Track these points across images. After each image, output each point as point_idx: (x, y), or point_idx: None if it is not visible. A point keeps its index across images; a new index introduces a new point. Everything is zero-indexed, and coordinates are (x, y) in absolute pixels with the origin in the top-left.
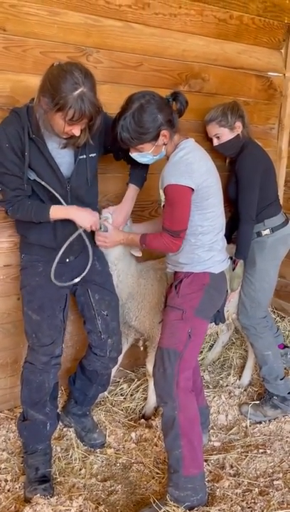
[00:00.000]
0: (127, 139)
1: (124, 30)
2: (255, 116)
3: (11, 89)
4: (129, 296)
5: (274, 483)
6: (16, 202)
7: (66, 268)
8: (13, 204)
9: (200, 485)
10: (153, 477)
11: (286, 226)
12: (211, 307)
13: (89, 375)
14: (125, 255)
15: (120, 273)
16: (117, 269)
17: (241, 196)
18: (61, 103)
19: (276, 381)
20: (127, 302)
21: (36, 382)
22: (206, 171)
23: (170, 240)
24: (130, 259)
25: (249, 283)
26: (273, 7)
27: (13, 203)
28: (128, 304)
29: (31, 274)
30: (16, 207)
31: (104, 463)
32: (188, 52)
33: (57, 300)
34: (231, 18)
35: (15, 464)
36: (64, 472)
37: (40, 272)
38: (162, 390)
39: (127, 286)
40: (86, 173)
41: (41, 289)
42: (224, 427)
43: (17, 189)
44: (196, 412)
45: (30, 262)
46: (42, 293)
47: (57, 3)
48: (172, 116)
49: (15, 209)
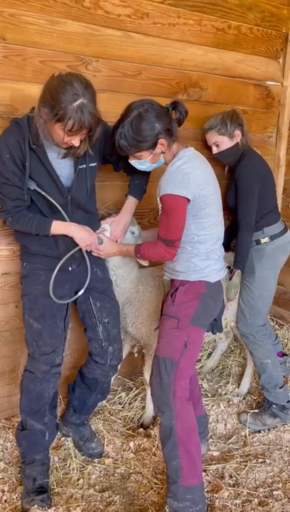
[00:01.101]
0: (125, 147)
1: (123, 40)
2: (253, 124)
3: (10, 98)
4: (126, 301)
5: (274, 494)
6: (16, 213)
7: (68, 276)
8: (13, 215)
9: (199, 495)
10: (152, 487)
11: (285, 234)
12: (207, 316)
13: (89, 383)
14: (125, 263)
15: (118, 278)
16: (116, 275)
17: (240, 204)
18: (60, 114)
19: (275, 389)
20: (124, 308)
21: (36, 391)
22: (204, 181)
23: (165, 249)
24: (132, 265)
25: (249, 291)
26: (271, 17)
27: (12, 213)
28: (125, 310)
29: (33, 283)
30: (16, 218)
31: (102, 473)
32: (187, 62)
33: (58, 308)
34: (229, 27)
35: (12, 474)
36: (62, 482)
37: (43, 281)
38: (159, 400)
39: (125, 291)
40: (86, 183)
41: (43, 297)
42: (223, 436)
43: (17, 199)
44: (194, 421)
45: (32, 271)
46: (44, 301)
47: (57, 12)
48: (171, 125)
49: (14, 220)
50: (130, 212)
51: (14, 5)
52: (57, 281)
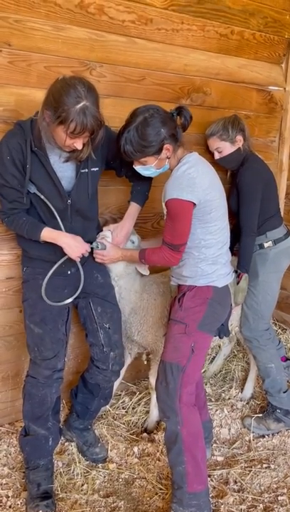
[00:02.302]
0: (130, 152)
1: (127, 45)
2: (256, 129)
3: (15, 103)
4: (131, 311)
5: (279, 499)
6: (12, 214)
7: (68, 281)
8: (9, 216)
9: (204, 501)
10: (157, 493)
11: (288, 238)
12: (214, 321)
13: (92, 388)
14: (128, 273)
15: (122, 290)
16: (119, 286)
17: (242, 209)
18: (63, 116)
19: (279, 394)
20: (130, 317)
21: (38, 396)
22: (209, 185)
23: (170, 253)
24: (134, 275)
25: (252, 295)
26: (273, 22)
27: (8, 214)
28: (130, 319)
29: (33, 287)
30: (11, 219)
31: (106, 478)
32: (190, 67)
33: (59, 313)
34: (232, 33)
35: (16, 480)
36: (66, 488)
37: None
38: (165, 405)
39: (130, 301)
40: (87, 188)
41: (43, 302)
42: (227, 441)
43: (14, 201)
44: (199, 426)
45: (32, 275)
46: (44, 306)
47: (62, 18)
48: (175, 130)
49: (10, 221)
50: (133, 218)
51: (19, 11)
52: (56, 285)
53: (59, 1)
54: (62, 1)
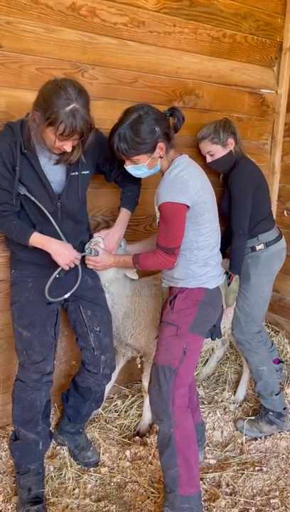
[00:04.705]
0: (124, 149)
1: (120, 48)
2: (248, 132)
3: (6, 105)
4: (124, 315)
5: (271, 502)
6: (2, 217)
7: (57, 283)
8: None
9: (196, 505)
10: (149, 497)
11: (280, 241)
12: (206, 323)
13: (83, 392)
14: (117, 278)
15: (114, 296)
16: (110, 293)
17: (233, 211)
18: (52, 117)
19: (271, 396)
20: (123, 322)
21: (28, 400)
22: (201, 187)
23: (165, 257)
24: (124, 280)
25: (244, 298)
26: (265, 26)
27: None
28: (123, 323)
29: (21, 290)
30: (1, 222)
31: (98, 482)
32: (182, 70)
33: (47, 316)
34: (224, 36)
35: (7, 484)
36: (57, 492)
37: (30, 288)
38: (157, 408)
39: (122, 306)
40: (78, 191)
41: (31, 305)
42: (219, 443)
43: (5, 203)
44: (192, 429)
45: (20, 278)
46: (32, 309)
47: (54, 20)
48: (169, 129)
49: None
50: (124, 225)
51: (11, 13)
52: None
53: (50, 3)
54: (53, 3)
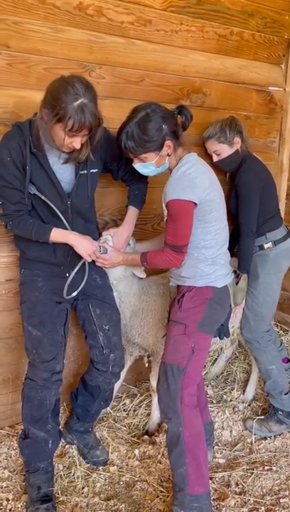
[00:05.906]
0: (132, 147)
1: (126, 47)
2: (256, 130)
3: (14, 105)
4: (132, 314)
5: (281, 501)
6: (17, 217)
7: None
8: (14, 219)
9: (205, 504)
10: (158, 496)
11: (288, 239)
12: (214, 322)
13: (92, 390)
14: (125, 276)
15: (121, 294)
16: (118, 291)
17: (241, 210)
18: (61, 113)
19: (280, 396)
20: (130, 320)
21: (37, 399)
22: (209, 185)
23: (173, 255)
24: (132, 279)
25: (253, 296)
26: (273, 23)
27: (13, 217)
28: (131, 322)
29: (31, 289)
30: (17, 222)
31: (107, 481)
32: (189, 68)
33: (57, 315)
34: (231, 34)
35: (17, 483)
36: (66, 491)
37: (40, 287)
38: (166, 406)
39: (130, 305)
40: (87, 189)
41: (41, 304)
42: (228, 443)
43: (18, 203)
44: (201, 428)
45: (29, 277)
46: (42, 308)
47: (60, 20)
48: (176, 127)
49: (15, 224)
50: (132, 222)
51: (18, 13)
52: (54, 287)
53: (57, 2)
54: (60, 3)
